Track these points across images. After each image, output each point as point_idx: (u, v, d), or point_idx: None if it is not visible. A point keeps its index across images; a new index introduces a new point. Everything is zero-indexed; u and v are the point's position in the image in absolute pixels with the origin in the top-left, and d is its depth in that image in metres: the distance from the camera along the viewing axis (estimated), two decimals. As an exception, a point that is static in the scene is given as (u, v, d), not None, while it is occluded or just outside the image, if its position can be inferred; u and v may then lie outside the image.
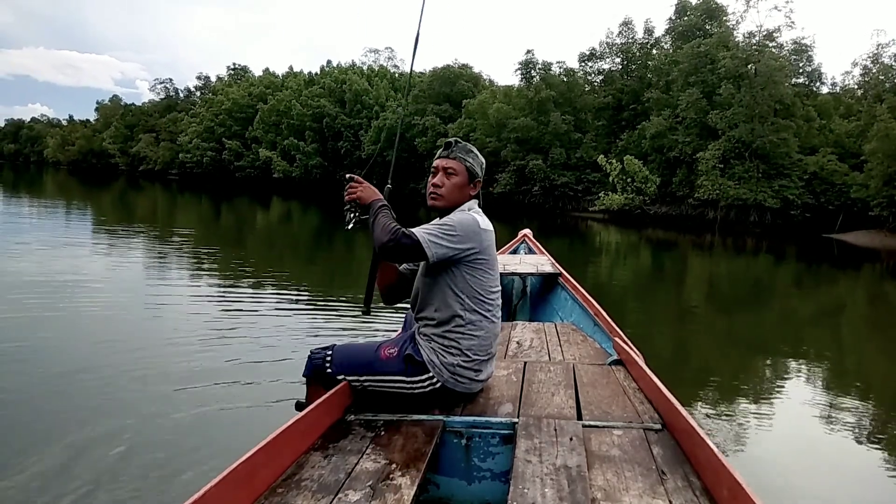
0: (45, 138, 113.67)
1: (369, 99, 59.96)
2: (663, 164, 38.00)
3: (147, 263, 11.46)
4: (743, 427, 4.63)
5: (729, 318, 9.82)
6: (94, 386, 4.58)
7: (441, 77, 55.10)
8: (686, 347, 7.65)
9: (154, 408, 4.17)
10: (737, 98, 34.64)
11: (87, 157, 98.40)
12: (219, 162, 70.05)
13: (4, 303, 7.17)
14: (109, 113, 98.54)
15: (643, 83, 43.97)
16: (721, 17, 41.38)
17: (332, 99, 61.64)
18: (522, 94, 46.38)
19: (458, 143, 2.63)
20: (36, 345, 5.62)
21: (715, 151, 34.43)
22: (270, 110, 65.03)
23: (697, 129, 36.44)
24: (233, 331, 6.44)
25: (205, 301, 8.12)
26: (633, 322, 8.94)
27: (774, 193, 33.64)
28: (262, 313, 7.44)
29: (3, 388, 4.46)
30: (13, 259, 10.55)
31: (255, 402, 4.36)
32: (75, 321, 6.65)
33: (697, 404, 5.14)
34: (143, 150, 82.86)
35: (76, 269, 9.85)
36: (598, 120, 44.81)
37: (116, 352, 5.46)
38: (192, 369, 5.03)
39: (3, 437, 3.74)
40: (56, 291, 7.95)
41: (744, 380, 6.22)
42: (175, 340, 5.93)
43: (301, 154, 60.74)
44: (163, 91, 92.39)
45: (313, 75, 70.90)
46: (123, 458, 3.43)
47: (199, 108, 77.82)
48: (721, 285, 14.49)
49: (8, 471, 3.23)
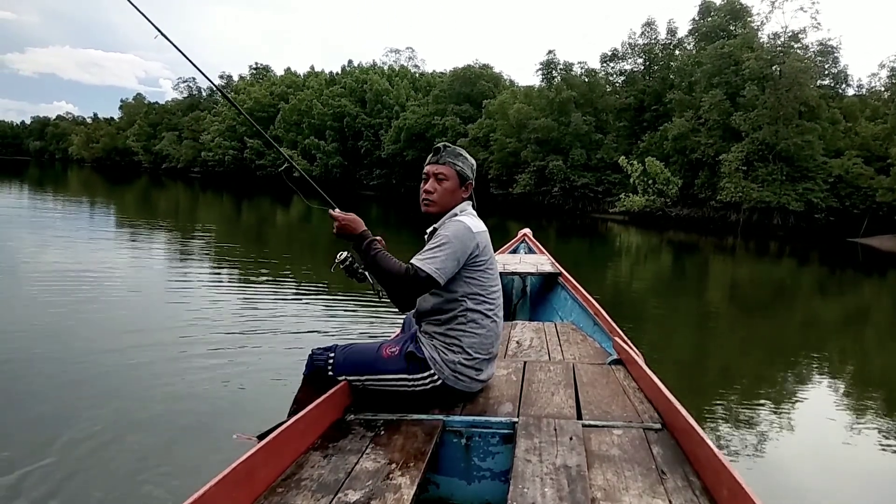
0: (70, 136, 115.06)
1: (390, 99, 60.16)
2: (685, 166, 37.66)
3: (166, 259, 11.58)
4: (763, 432, 4.59)
5: (750, 322, 9.71)
6: (91, 377, 4.63)
7: (461, 77, 55.10)
8: (706, 350, 7.58)
9: (155, 406, 4.18)
10: (761, 100, 34.24)
11: (111, 155, 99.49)
12: (240, 160, 70.54)
13: (33, 291, 7.32)
14: (133, 111, 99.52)
15: (665, 84, 43.65)
16: (745, 17, 40.91)
17: (352, 98, 61.92)
18: (543, 94, 46.21)
19: (447, 148, 2.64)
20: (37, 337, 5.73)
21: (738, 153, 34.06)
22: (292, 109, 65.43)
23: (720, 130, 36.07)
24: (241, 327, 6.48)
25: (219, 297, 8.18)
26: (653, 324, 8.88)
27: (798, 196, 33.21)
28: (277, 311, 7.45)
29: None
30: (41, 252, 10.75)
31: (257, 402, 4.36)
32: (80, 312, 6.74)
33: (718, 407, 5.11)
34: (166, 149, 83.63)
35: (96, 263, 10.03)
36: (619, 121, 44.56)
37: (121, 347, 5.50)
38: (196, 367, 5.04)
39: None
40: (75, 283, 8.13)
41: (764, 384, 6.15)
42: (184, 334, 6.00)
43: (321, 153, 61.05)
44: (186, 90, 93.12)
45: (334, 75, 71.26)
46: (123, 456, 3.43)
47: (221, 107, 78.41)
48: (743, 289, 14.34)
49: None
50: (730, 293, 13.41)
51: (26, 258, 10.29)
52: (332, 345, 2.62)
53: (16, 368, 4.83)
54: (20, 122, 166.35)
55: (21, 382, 4.52)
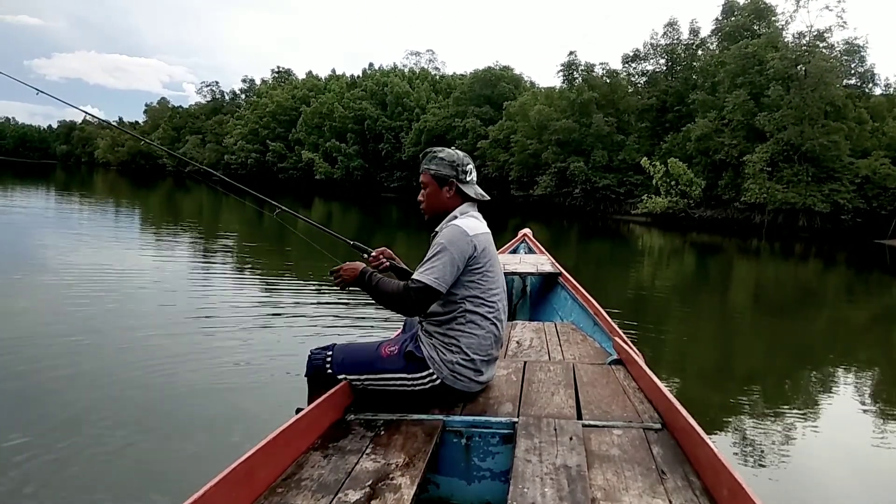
0: (96, 140, 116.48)
1: (410, 101, 60.36)
2: (709, 167, 37.32)
3: (187, 259, 11.71)
4: (788, 436, 4.51)
5: (774, 324, 9.56)
6: (94, 379, 4.64)
7: (482, 79, 55.16)
8: (728, 352, 7.47)
9: (156, 404, 4.19)
10: (786, 100, 33.83)
11: (136, 158, 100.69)
12: (262, 163, 71.20)
13: (60, 290, 7.44)
14: (157, 115, 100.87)
15: (688, 84, 43.32)
16: (770, 17, 40.48)
17: (373, 101, 62.21)
18: (564, 95, 46.06)
19: (425, 154, 2.70)
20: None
21: (762, 154, 33.69)
22: (313, 113, 65.89)
23: (744, 131, 35.68)
24: (256, 323, 6.54)
25: (237, 295, 8.24)
26: (675, 326, 8.80)
27: (824, 197, 32.79)
28: (296, 310, 7.47)
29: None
30: (69, 252, 10.89)
31: (261, 400, 4.36)
32: (96, 307, 6.85)
33: (743, 412, 5.04)
34: (189, 152, 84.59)
35: (117, 261, 10.21)
36: (641, 122, 44.31)
37: (134, 344, 5.56)
38: (203, 364, 5.06)
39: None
40: (96, 282, 8.26)
41: (786, 386, 6.07)
42: (198, 328, 6.11)
43: (342, 156, 61.42)
44: (209, 94, 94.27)
45: (355, 78, 71.66)
46: (122, 454, 3.44)
47: (243, 111, 79.25)
48: (767, 291, 14.15)
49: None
50: (754, 295, 13.24)
51: (53, 257, 10.45)
52: (329, 344, 2.64)
53: (24, 363, 4.89)
54: (47, 127, 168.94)
55: (30, 379, 4.57)
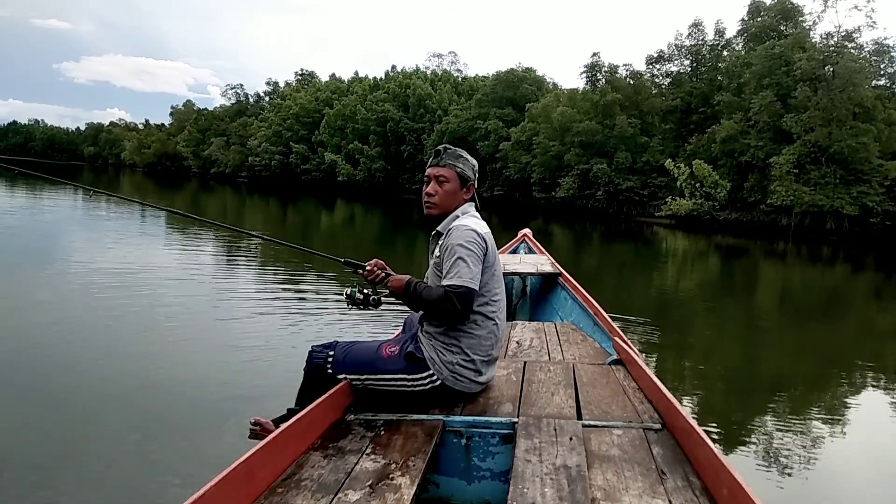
0: (123, 141, 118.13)
1: (432, 103, 60.44)
2: (734, 169, 36.87)
3: (210, 257, 11.80)
4: (817, 442, 4.45)
5: (801, 329, 9.44)
6: (95, 377, 4.70)
7: (504, 81, 55.07)
8: (752, 356, 7.38)
9: (156, 404, 4.21)
10: (813, 101, 33.31)
11: (162, 160, 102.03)
12: (286, 165, 71.75)
13: (88, 287, 7.57)
14: (183, 117, 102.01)
15: (713, 86, 42.88)
16: (797, 17, 39.92)
17: (395, 103, 62.37)
18: (588, 97, 45.82)
19: (447, 150, 2.65)
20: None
21: (789, 156, 33.21)
22: (336, 115, 66.25)
23: (771, 132, 35.20)
24: (258, 324, 6.58)
25: (244, 294, 8.29)
26: (699, 329, 8.71)
27: (853, 200, 32.23)
28: (316, 311, 7.51)
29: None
30: (93, 249, 11.09)
31: (262, 401, 4.35)
32: (115, 302, 6.95)
33: (767, 416, 4.97)
34: (214, 154, 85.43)
35: (138, 258, 10.39)
36: (665, 123, 43.93)
37: (149, 339, 5.66)
38: (204, 364, 5.11)
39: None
40: (120, 280, 8.41)
41: (816, 393, 6.00)
42: (197, 331, 6.16)
43: (365, 158, 61.67)
44: (233, 96, 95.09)
45: (378, 80, 71.92)
46: (122, 454, 3.45)
47: (267, 113, 79.89)
48: (794, 295, 13.95)
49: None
50: (780, 298, 13.06)
51: (80, 254, 10.62)
52: (331, 342, 2.64)
53: (29, 358, 4.96)
54: (75, 129, 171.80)
55: (38, 376, 4.64)
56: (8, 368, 4.73)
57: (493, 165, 50.40)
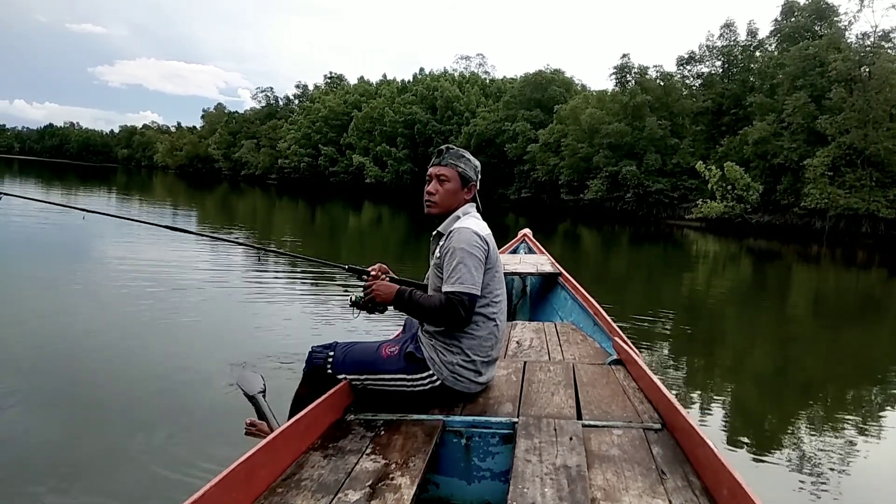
0: (155, 144, 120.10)
1: (460, 105, 60.55)
2: (766, 171, 36.33)
3: (211, 261, 11.76)
4: (817, 443, 4.37)
5: (834, 334, 9.26)
6: (97, 375, 4.70)
7: (532, 83, 54.93)
8: (784, 360, 7.28)
9: (156, 402, 4.19)
10: (848, 102, 32.71)
11: (194, 162, 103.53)
12: (315, 167, 72.41)
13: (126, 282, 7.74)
14: (214, 120, 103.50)
15: (745, 87, 42.35)
16: (832, 17, 39.28)
17: (423, 106, 62.56)
18: (617, 98, 45.53)
19: (449, 150, 2.66)
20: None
21: (824, 158, 32.63)
22: (364, 117, 66.69)
23: (804, 134, 34.61)
24: (263, 323, 6.59)
25: (250, 295, 8.29)
26: (730, 334, 8.59)
27: (889, 203, 31.62)
28: (310, 309, 7.53)
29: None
30: (134, 248, 11.36)
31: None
32: (136, 300, 6.99)
33: (800, 423, 4.91)
34: (244, 156, 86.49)
35: (142, 263, 10.34)
36: (696, 125, 43.50)
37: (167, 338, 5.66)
38: (205, 363, 5.07)
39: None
40: (125, 284, 8.41)
41: (846, 396, 5.89)
42: (199, 332, 6.18)
43: (392, 160, 61.97)
44: (263, 99, 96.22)
45: (406, 83, 72.20)
46: (122, 453, 3.45)
47: (297, 116, 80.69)
48: (828, 299, 13.68)
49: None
50: (814, 303, 12.82)
51: (109, 253, 10.78)
52: (331, 342, 2.63)
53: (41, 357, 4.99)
54: (109, 131, 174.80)
55: (46, 374, 4.66)
56: (8, 368, 4.78)
57: (521, 167, 50.28)
